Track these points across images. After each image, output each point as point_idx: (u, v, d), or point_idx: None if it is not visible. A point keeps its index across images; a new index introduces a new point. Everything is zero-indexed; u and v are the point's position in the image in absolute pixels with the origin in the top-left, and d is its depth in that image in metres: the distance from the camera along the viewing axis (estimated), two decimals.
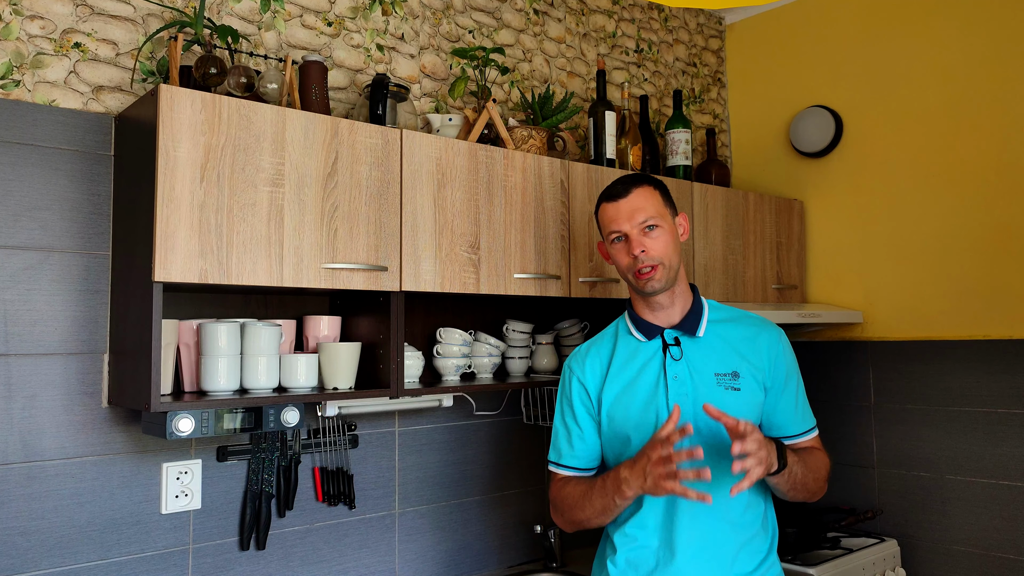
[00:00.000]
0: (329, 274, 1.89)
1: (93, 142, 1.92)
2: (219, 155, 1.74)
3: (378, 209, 1.97)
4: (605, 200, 1.87)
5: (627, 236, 1.81)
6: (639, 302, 1.88)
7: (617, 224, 1.83)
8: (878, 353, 2.96)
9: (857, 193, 3.07)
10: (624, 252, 1.83)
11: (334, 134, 1.92)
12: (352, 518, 2.29)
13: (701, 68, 3.43)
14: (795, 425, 1.82)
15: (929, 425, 2.82)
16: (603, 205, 1.87)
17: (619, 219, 1.82)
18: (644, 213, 1.81)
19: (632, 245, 1.80)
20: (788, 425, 1.82)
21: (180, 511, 2.00)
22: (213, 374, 1.83)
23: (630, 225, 1.81)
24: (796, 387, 1.84)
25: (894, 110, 2.98)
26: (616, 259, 1.85)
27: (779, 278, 3.04)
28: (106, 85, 1.96)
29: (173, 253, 1.67)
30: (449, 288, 2.08)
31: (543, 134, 2.40)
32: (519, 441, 2.66)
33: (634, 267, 1.80)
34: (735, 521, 1.75)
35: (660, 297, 1.83)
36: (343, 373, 2.00)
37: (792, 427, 1.82)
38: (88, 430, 1.89)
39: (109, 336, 1.92)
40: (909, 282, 2.91)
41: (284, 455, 2.15)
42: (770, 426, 1.82)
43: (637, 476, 1.63)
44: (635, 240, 1.80)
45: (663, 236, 1.81)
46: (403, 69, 2.48)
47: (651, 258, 1.79)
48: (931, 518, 2.81)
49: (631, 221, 1.81)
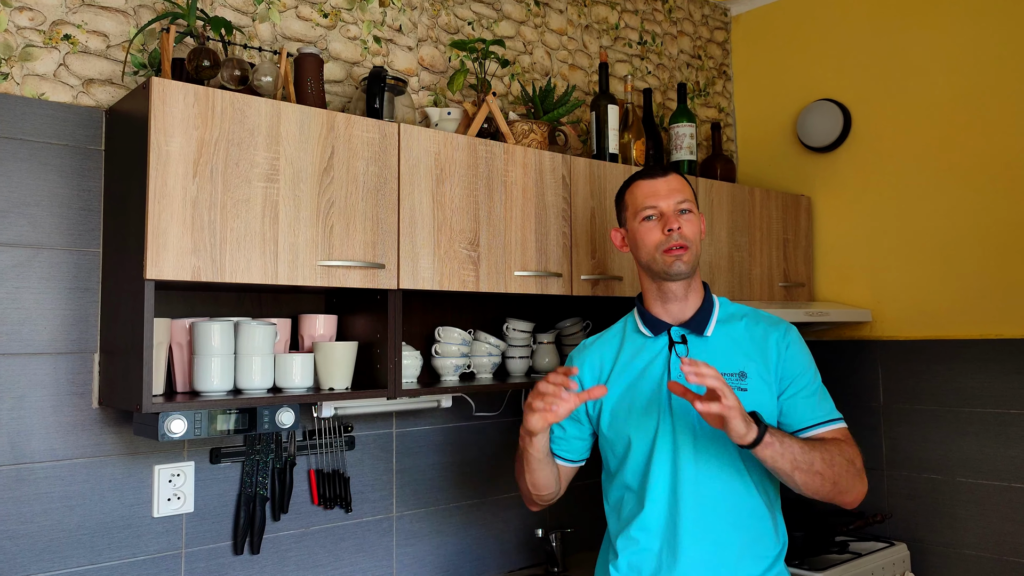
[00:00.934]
0: (325, 272, 1.89)
1: (83, 136, 1.92)
2: (212, 150, 1.74)
3: (375, 205, 1.97)
4: (641, 178, 1.90)
5: (662, 214, 1.83)
6: (651, 293, 1.88)
7: (655, 199, 1.84)
8: (887, 352, 2.97)
9: (866, 188, 3.07)
10: (656, 229, 1.83)
11: (330, 128, 1.92)
12: (348, 522, 2.29)
13: (706, 61, 3.43)
14: (811, 416, 1.78)
15: (940, 426, 2.83)
16: (638, 182, 1.89)
17: (657, 195, 1.85)
18: (681, 194, 1.85)
19: (669, 220, 1.82)
20: (805, 416, 1.78)
21: (172, 514, 2.00)
22: (206, 374, 1.83)
23: (668, 202, 1.84)
24: (812, 381, 1.81)
25: (904, 103, 2.98)
26: (644, 238, 1.84)
27: (786, 276, 3.04)
28: (96, 78, 1.96)
29: (165, 250, 1.67)
30: (448, 286, 2.08)
31: (544, 128, 2.40)
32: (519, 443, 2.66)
33: (665, 244, 1.81)
34: (740, 524, 1.75)
35: (677, 287, 1.83)
36: (339, 373, 2.00)
37: (808, 418, 1.77)
38: (78, 431, 1.89)
39: (99, 335, 1.92)
40: (919, 279, 2.92)
41: (279, 457, 2.15)
42: (788, 424, 1.81)
43: (524, 418, 1.71)
44: (671, 216, 1.82)
45: (695, 221, 1.85)
46: (401, 62, 2.48)
47: (684, 237, 1.81)
48: (942, 521, 2.81)
49: (669, 199, 1.84)
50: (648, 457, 1.77)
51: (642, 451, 1.79)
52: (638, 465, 1.80)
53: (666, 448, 1.76)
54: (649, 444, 1.77)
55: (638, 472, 1.80)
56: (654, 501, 1.76)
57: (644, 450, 1.78)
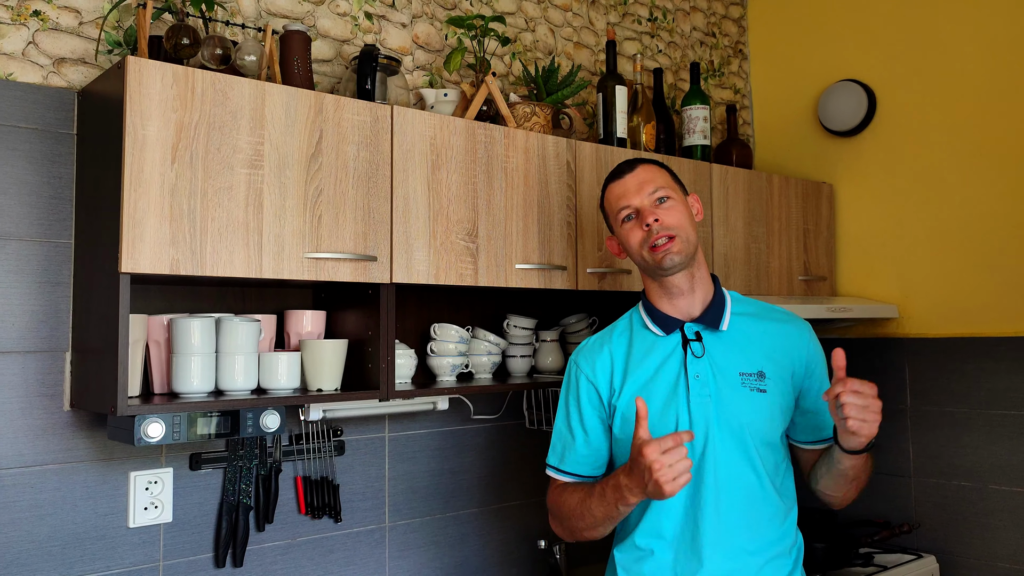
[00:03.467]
0: (313, 264, 1.89)
1: (54, 119, 1.92)
2: (192, 134, 1.75)
3: (366, 193, 1.98)
4: (610, 180, 1.91)
5: (638, 211, 1.83)
6: (655, 290, 1.88)
7: (626, 199, 1.85)
8: (915, 351, 2.97)
9: (892, 175, 3.07)
10: (636, 228, 1.84)
11: (318, 111, 1.92)
12: (338, 532, 2.29)
13: (721, 38, 3.43)
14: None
15: (971, 430, 2.83)
16: (609, 186, 1.91)
17: (628, 194, 1.85)
18: (653, 184, 1.84)
19: (644, 215, 1.82)
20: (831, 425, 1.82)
21: (149, 524, 2.01)
22: (185, 374, 1.83)
23: (640, 198, 1.84)
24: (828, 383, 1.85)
25: (933, 83, 2.98)
26: (628, 241, 1.86)
27: (806, 269, 3.05)
28: (68, 57, 1.96)
29: (141, 241, 1.67)
30: (444, 280, 2.08)
31: (547, 111, 2.40)
32: (521, 448, 2.67)
33: (648, 240, 1.81)
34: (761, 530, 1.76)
35: (678, 279, 1.83)
36: (328, 373, 2.01)
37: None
38: (48, 435, 1.89)
39: (71, 332, 1.92)
40: (950, 272, 2.92)
41: (263, 463, 2.16)
42: (820, 426, 1.83)
43: (637, 482, 1.62)
44: (647, 210, 1.82)
45: (677, 207, 1.83)
46: (394, 39, 2.48)
47: (666, 227, 1.80)
48: (973, 532, 2.81)
49: (640, 193, 1.84)
50: None
51: None
52: None
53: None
54: None
55: None
56: (671, 509, 1.77)
57: None
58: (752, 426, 1.76)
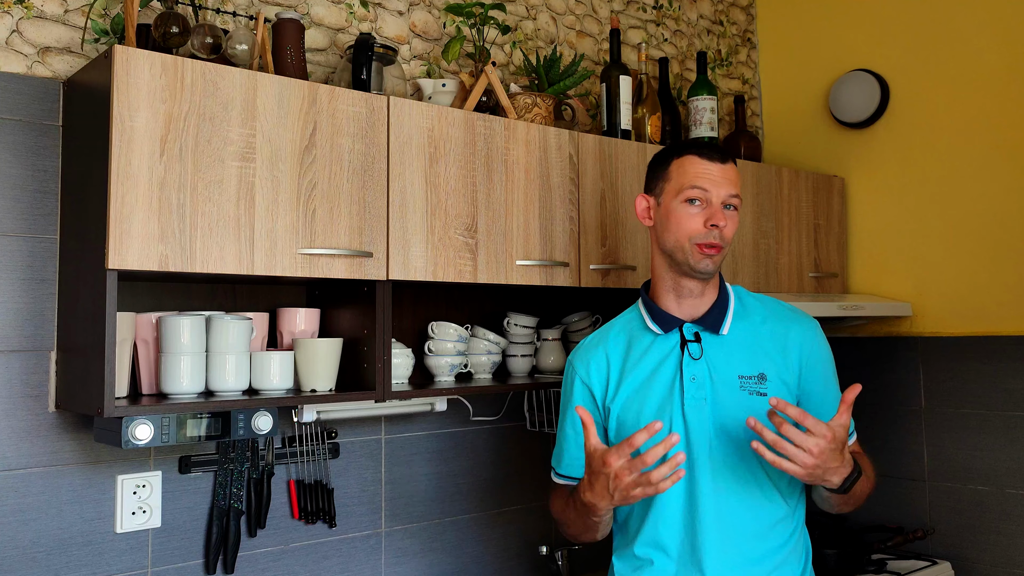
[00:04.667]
0: (306, 261, 1.89)
1: (39, 111, 1.92)
2: (182, 125, 1.74)
3: (362, 187, 1.98)
4: (696, 153, 1.84)
5: (710, 203, 1.81)
6: (665, 285, 1.88)
7: (707, 183, 1.80)
8: (929, 350, 2.97)
9: (906, 168, 3.07)
10: (698, 218, 1.80)
11: (312, 102, 1.92)
12: (332, 538, 2.30)
13: (728, 27, 3.43)
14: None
15: (987, 432, 2.83)
16: (690, 156, 1.84)
17: (712, 179, 1.81)
18: (735, 188, 1.83)
19: (715, 214, 1.80)
20: None
21: (137, 530, 2.01)
22: (175, 374, 1.83)
23: (719, 192, 1.81)
24: (835, 387, 1.86)
25: (949, 74, 2.98)
26: (680, 222, 1.81)
27: (817, 265, 3.05)
28: (53, 46, 1.96)
29: (129, 237, 1.67)
30: (442, 277, 2.08)
31: (549, 102, 2.40)
32: (522, 450, 2.67)
33: (703, 238, 1.79)
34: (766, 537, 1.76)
35: (696, 284, 1.84)
36: (322, 373, 2.01)
37: None
38: (33, 438, 1.89)
39: (57, 331, 1.92)
40: (965, 269, 2.92)
41: (255, 466, 2.16)
42: None
43: (602, 496, 1.61)
44: (719, 211, 1.80)
45: (735, 221, 1.84)
46: (390, 28, 2.48)
47: (723, 237, 1.80)
48: (989, 538, 2.82)
49: (721, 189, 1.81)
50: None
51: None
52: None
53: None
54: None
55: None
56: (669, 518, 1.77)
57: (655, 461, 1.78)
58: (751, 430, 1.75)
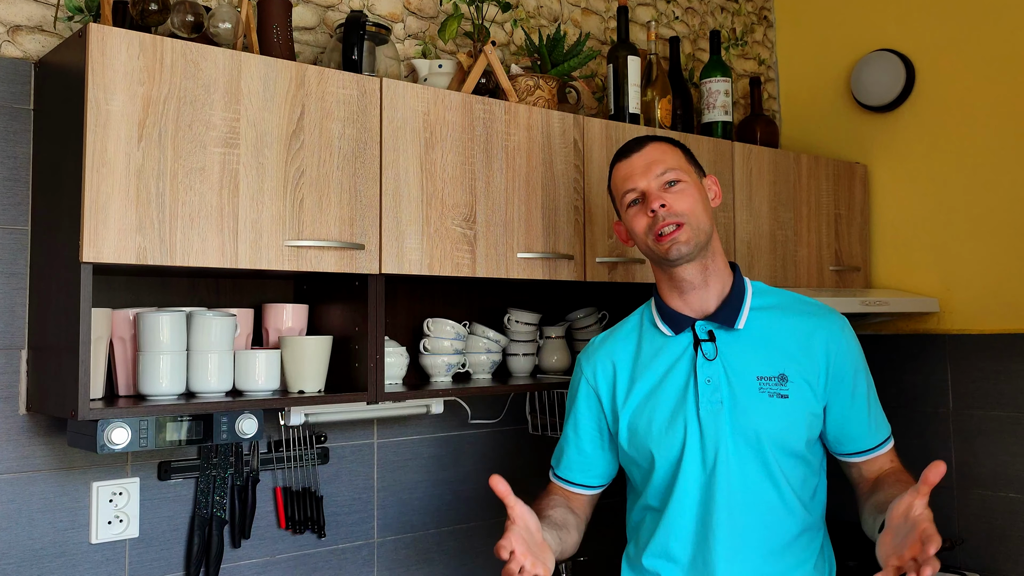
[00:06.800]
0: (294, 253, 1.89)
1: (8, 93, 1.92)
2: (161, 109, 1.74)
3: (353, 175, 1.97)
4: (617, 160, 1.91)
5: (644, 194, 1.82)
6: (665, 284, 1.88)
7: (632, 181, 1.84)
8: (958, 349, 2.97)
9: (933, 155, 3.07)
10: (641, 214, 1.83)
11: (300, 84, 1.92)
12: (321, 548, 2.30)
13: (744, 4, 3.42)
14: (870, 436, 1.83)
15: (1020, 436, 2.83)
16: (616, 166, 1.91)
17: (634, 175, 1.84)
18: (663, 165, 1.83)
19: (650, 199, 1.80)
20: (862, 437, 1.83)
21: (114, 540, 2.01)
22: (153, 374, 1.83)
23: (647, 180, 1.82)
24: (867, 389, 1.84)
25: (977, 54, 2.98)
26: (633, 228, 1.85)
27: (838, 258, 3.04)
28: (24, 24, 1.95)
29: (105, 228, 1.67)
30: (439, 271, 2.08)
31: (552, 84, 2.40)
32: (523, 455, 2.67)
33: (654, 228, 1.79)
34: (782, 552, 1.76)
35: (689, 272, 1.82)
36: (311, 373, 2.01)
37: (867, 439, 1.83)
38: (2, 442, 1.89)
39: (28, 328, 1.92)
40: (996, 262, 2.92)
41: (239, 472, 2.16)
42: (840, 440, 1.82)
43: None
44: (653, 194, 1.81)
45: (688, 191, 1.82)
46: (383, 5, 2.48)
47: (673, 214, 1.78)
48: (1022, 549, 2.82)
49: (648, 175, 1.82)
50: (672, 477, 1.78)
51: (666, 469, 1.79)
52: (661, 485, 1.80)
53: (695, 466, 1.76)
54: (674, 462, 1.77)
55: (660, 493, 1.80)
56: (679, 528, 1.77)
57: (668, 469, 1.78)
58: (771, 436, 1.75)
